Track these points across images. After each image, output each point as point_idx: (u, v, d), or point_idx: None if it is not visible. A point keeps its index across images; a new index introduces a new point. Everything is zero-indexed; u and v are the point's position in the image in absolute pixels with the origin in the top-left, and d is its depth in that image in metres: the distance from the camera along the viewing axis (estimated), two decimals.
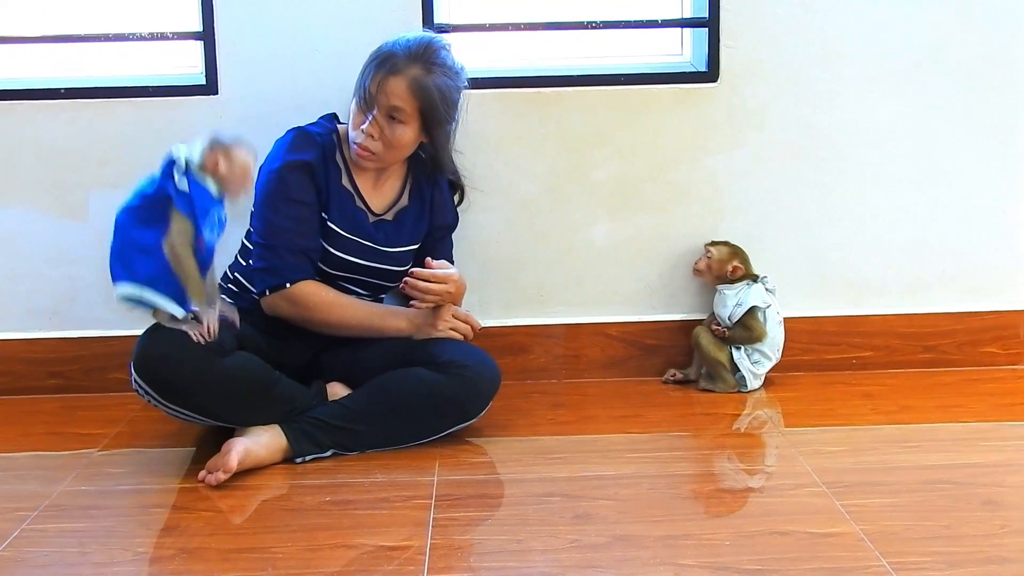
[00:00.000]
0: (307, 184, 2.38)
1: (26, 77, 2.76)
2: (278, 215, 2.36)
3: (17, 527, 1.94)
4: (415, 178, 2.52)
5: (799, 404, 2.61)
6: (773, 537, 1.84)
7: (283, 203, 2.36)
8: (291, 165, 2.37)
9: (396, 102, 2.33)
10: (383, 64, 2.33)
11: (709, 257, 2.71)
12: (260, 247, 2.38)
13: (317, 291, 2.38)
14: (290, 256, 2.36)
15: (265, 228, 2.37)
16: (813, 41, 2.74)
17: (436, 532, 1.89)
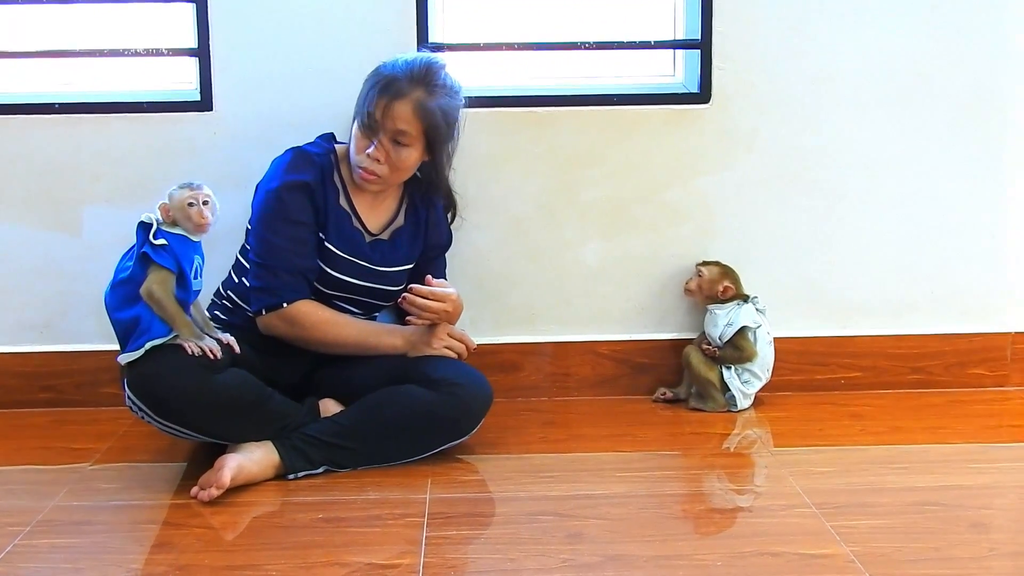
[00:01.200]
0: (305, 204, 2.38)
1: (21, 92, 2.76)
2: (276, 235, 2.37)
3: (9, 542, 1.94)
4: (411, 198, 2.54)
5: (788, 424, 2.62)
6: (764, 558, 1.85)
7: (281, 223, 2.37)
8: (290, 185, 2.37)
9: (402, 126, 2.34)
10: (387, 88, 2.34)
11: (700, 277, 2.73)
12: (257, 266, 2.39)
13: (313, 311, 2.39)
14: (287, 276, 2.37)
15: (263, 248, 2.38)
16: (804, 64, 2.77)
17: (429, 550, 1.89)
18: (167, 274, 2.13)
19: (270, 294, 2.37)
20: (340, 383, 2.44)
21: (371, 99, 2.35)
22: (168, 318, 2.12)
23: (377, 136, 2.36)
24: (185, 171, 2.67)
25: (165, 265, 2.12)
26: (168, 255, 2.13)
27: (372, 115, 2.35)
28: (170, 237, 2.15)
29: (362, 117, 2.37)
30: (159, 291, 2.12)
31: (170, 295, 2.12)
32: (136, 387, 2.15)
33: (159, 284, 2.12)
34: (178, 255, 2.14)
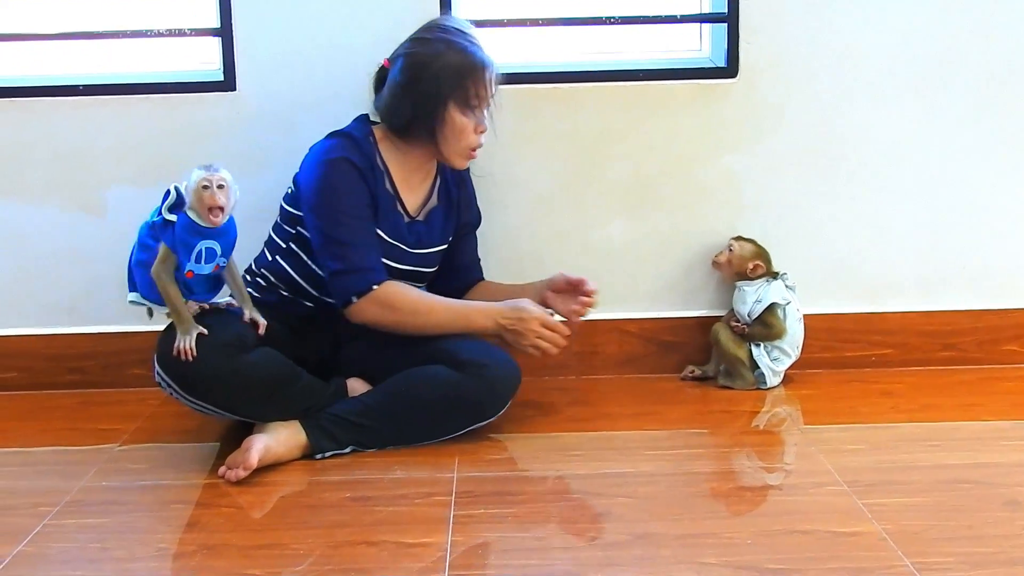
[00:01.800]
0: (363, 185, 2.36)
1: (45, 74, 2.76)
2: (346, 215, 2.33)
3: (38, 523, 1.95)
4: (443, 177, 2.53)
5: (818, 402, 2.60)
6: (794, 536, 1.84)
7: (347, 204, 2.34)
8: (346, 167, 2.35)
9: (494, 92, 2.39)
10: (486, 64, 2.35)
11: (731, 252, 2.70)
12: (335, 246, 2.33)
13: (403, 292, 2.36)
14: (369, 256, 2.34)
15: (335, 229, 2.33)
16: (832, 38, 2.73)
17: (456, 529, 1.89)
18: (168, 253, 2.12)
19: (357, 277, 2.32)
20: (367, 361, 2.44)
21: (475, 77, 2.34)
22: (169, 305, 2.13)
23: (484, 111, 2.38)
24: (209, 152, 2.68)
25: (164, 241, 2.12)
26: (169, 232, 2.12)
27: (481, 94, 2.35)
28: (182, 217, 2.12)
29: (469, 100, 2.35)
30: (161, 272, 2.12)
31: (171, 278, 2.12)
32: (165, 364, 2.16)
33: (161, 264, 2.12)
34: (177, 238, 2.11)
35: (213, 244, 2.16)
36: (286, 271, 2.43)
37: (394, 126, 2.41)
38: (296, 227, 2.42)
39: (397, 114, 2.38)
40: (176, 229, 2.12)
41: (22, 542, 1.87)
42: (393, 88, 2.38)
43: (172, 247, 2.11)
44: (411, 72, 2.35)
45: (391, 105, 2.39)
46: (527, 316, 2.36)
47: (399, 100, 2.37)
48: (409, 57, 2.37)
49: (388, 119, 2.41)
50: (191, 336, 2.12)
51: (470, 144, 2.39)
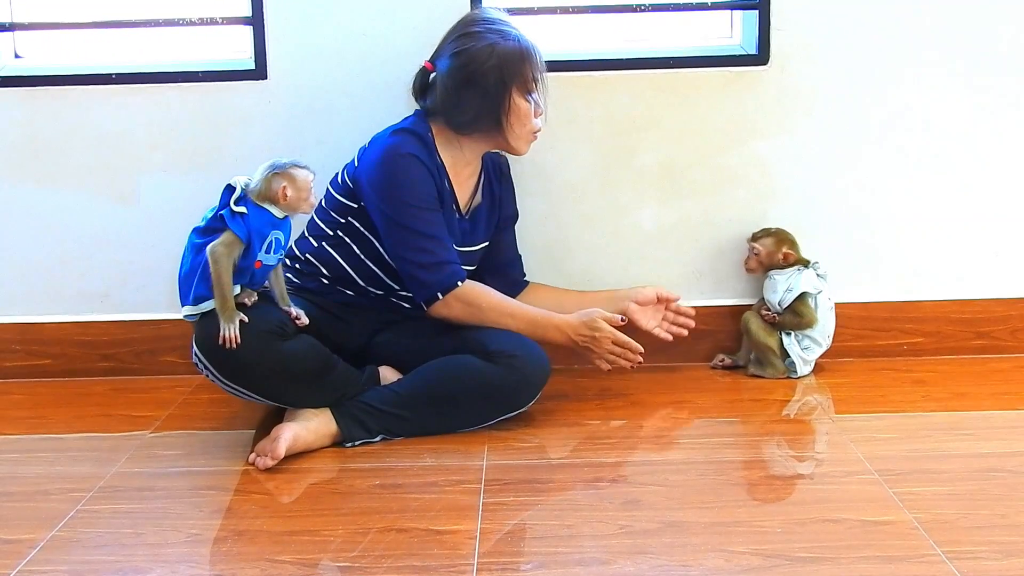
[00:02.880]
0: (432, 182, 2.37)
1: (78, 63, 2.78)
2: (425, 209, 2.34)
3: (72, 508, 1.97)
4: (486, 173, 2.54)
5: (849, 390, 2.58)
6: (825, 525, 1.83)
7: (425, 197, 2.35)
8: (419, 161, 2.35)
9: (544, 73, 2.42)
10: (534, 47, 2.39)
11: (757, 254, 2.69)
12: (417, 237, 2.33)
13: (484, 291, 2.39)
14: (451, 249, 2.38)
15: (417, 221, 2.33)
16: (865, 25, 2.71)
17: (486, 516, 1.89)
18: (235, 240, 2.13)
19: (442, 272, 2.34)
20: (399, 350, 2.45)
21: (530, 63, 2.37)
22: (216, 286, 2.13)
23: (541, 95, 2.42)
24: (240, 140, 2.70)
25: (237, 233, 2.13)
26: (242, 224, 2.13)
27: (535, 78, 2.40)
28: (251, 207, 2.15)
29: (528, 85, 2.38)
30: (222, 256, 2.12)
31: (228, 265, 2.12)
32: (204, 346, 2.17)
33: (224, 247, 2.12)
34: (251, 228, 2.14)
35: (280, 235, 2.19)
36: (334, 259, 2.44)
37: (457, 123, 2.41)
38: (347, 217, 2.42)
39: (461, 110, 2.38)
40: (250, 219, 2.13)
41: (56, 527, 1.89)
42: (451, 86, 2.37)
43: (244, 237, 2.12)
44: (470, 67, 2.35)
45: (451, 103, 2.38)
46: (600, 336, 2.40)
47: (461, 96, 2.37)
48: (462, 54, 2.36)
49: (450, 117, 2.40)
50: (235, 324, 2.13)
51: (533, 128, 2.43)
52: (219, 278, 2.12)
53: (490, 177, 2.56)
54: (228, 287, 2.13)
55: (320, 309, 2.38)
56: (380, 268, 2.43)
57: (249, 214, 2.14)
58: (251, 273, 2.18)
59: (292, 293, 2.32)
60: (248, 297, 2.20)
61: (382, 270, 2.43)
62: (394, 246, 2.36)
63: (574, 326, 2.40)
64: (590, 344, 2.40)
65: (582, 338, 2.40)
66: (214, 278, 2.12)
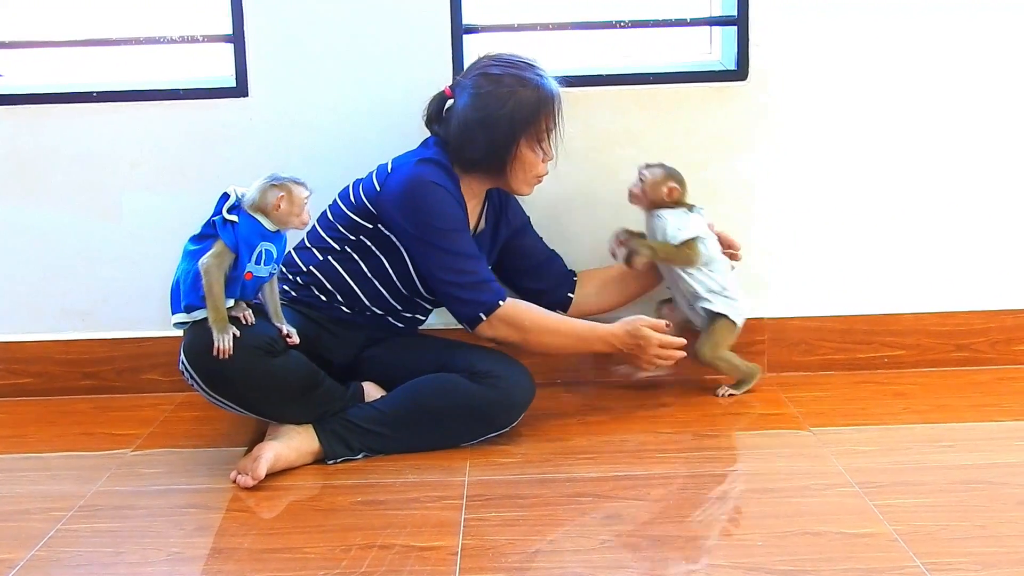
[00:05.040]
0: (458, 207, 2.38)
1: (60, 82, 2.78)
2: (459, 232, 2.36)
3: (52, 527, 1.96)
4: (489, 201, 2.56)
5: (830, 403, 2.59)
6: (806, 537, 1.83)
7: (457, 221, 2.36)
8: (445, 191, 2.36)
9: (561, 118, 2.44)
10: (554, 95, 2.40)
11: (643, 181, 2.61)
12: (456, 258, 2.34)
13: (527, 310, 2.39)
14: (488, 268, 2.40)
15: (455, 243, 2.34)
16: (842, 40, 2.73)
17: (468, 532, 1.89)
18: (224, 249, 2.12)
19: (483, 293, 2.34)
20: (387, 366, 2.44)
21: (548, 113, 2.39)
22: (208, 300, 2.12)
23: (551, 142, 2.43)
24: (223, 157, 2.71)
25: (225, 241, 2.12)
26: (231, 233, 2.13)
27: (549, 127, 2.41)
28: (243, 216, 2.15)
29: (538, 135, 2.40)
30: (212, 268, 2.11)
31: (220, 276, 2.12)
32: (191, 354, 2.16)
33: (214, 258, 2.12)
34: (240, 236, 2.13)
35: (272, 247, 2.19)
36: (339, 274, 2.43)
37: (464, 159, 2.41)
38: (359, 235, 2.41)
39: (469, 149, 2.39)
40: (239, 228, 2.13)
41: (36, 547, 1.88)
42: (465, 124, 2.38)
43: (232, 246, 2.12)
44: (484, 111, 2.36)
45: (463, 140, 2.39)
46: (644, 342, 2.42)
47: (472, 136, 2.38)
48: (482, 97, 2.37)
49: (459, 152, 2.41)
50: (228, 336, 2.12)
51: (538, 174, 2.45)
52: (210, 288, 2.12)
53: (492, 201, 2.57)
54: (220, 298, 2.13)
55: (311, 322, 2.37)
56: (386, 288, 2.43)
57: (240, 223, 2.14)
58: (242, 284, 2.17)
59: (286, 305, 2.32)
60: (243, 313, 2.18)
61: (388, 290, 2.44)
62: (432, 270, 2.36)
63: (619, 336, 2.42)
64: (636, 352, 2.44)
65: (627, 347, 2.43)
66: (205, 289, 2.12)
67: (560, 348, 2.44)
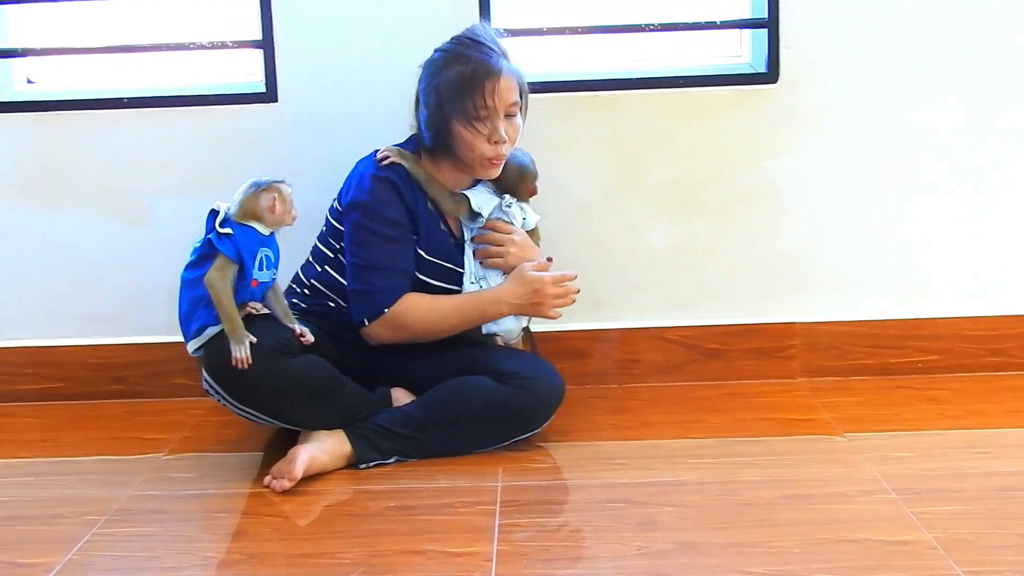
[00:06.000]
0: (399, 205, 2.36)
1: (90, 88, 2.79)
2: (377, 235, 2.34)
3: (87, 531, 1.96)
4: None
5: (863, 409, 2.57)
6: (843, 545, 1.82)
7: (377, 224, 2.34)
8: (387, 184, 2.35)
9: (511, 98, 2.33)
10: (488, 74, 2.29)
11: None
12: (356, 268, 2.36)
13: (410, 307, 2.36)
14: (386, 279, 2.35)
15: (360, 250, 2.35)
16: (875, 41, 2.71)
17: (501, 538, 1.88)
18: (227, 262, 2.14)
19: (370, 300, 2.34)
20: (409, 372, 2.43)
21: (475, 91, 2.28)
22: (219, 310, 2.14)
23: (495, 121, 2.31)
24: (251, 162, 2.70)
25: (226, 253, 2.14)
26: (230, 244, 2.14)
27: (486, 105, 2.29)
28: (236, 227, 2.16)
29: (469, 114, 2.29)
30: (217, 281, 2.13)
31: (227, 286, 2.14)
32: (212, 370, 2.17)
33: (218, 271, 2.13)
34: (240, 246, 2.15)
35: (270, 252, 2.21)
36: (337, 281, 2.44)
37: (422, 144, 2.41)
38: (341, 241, 2.42)
39: (420, 131, 2.40)
40: (237, 238, 2.14)
41: (71, 551, 1.88)
42: (414, 106, 2.40)
43: (235, 257, 2.14)
44: (421, 89, 2.37)
45: (417, 123, 2.40)
46: (539, 285, 2.36)
47: (417, 116, 2.39)
48: (422, 74, 2.38)
49: (419, 138, 2.42)
50: (245, 344, 2.12)
51: (484, 155, 2.33)
52: (220, 302, 2.13)
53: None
54: (232, 309, 2.14)
55: (324, 332, 2.37)
56: None
57: (236, 234, 2.15)
58: (250, 292, 2.19)
59: (298, 317, 2.32)
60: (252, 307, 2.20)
61: None
62: (346, 268, 2.39)
63: (512, 290, 2.37)
64: (535, 299, 2.37)
65: (524, 297, 2.37)
66: (216, 303, 2.13)
67: (453, 328, 2.38)
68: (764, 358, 2.80)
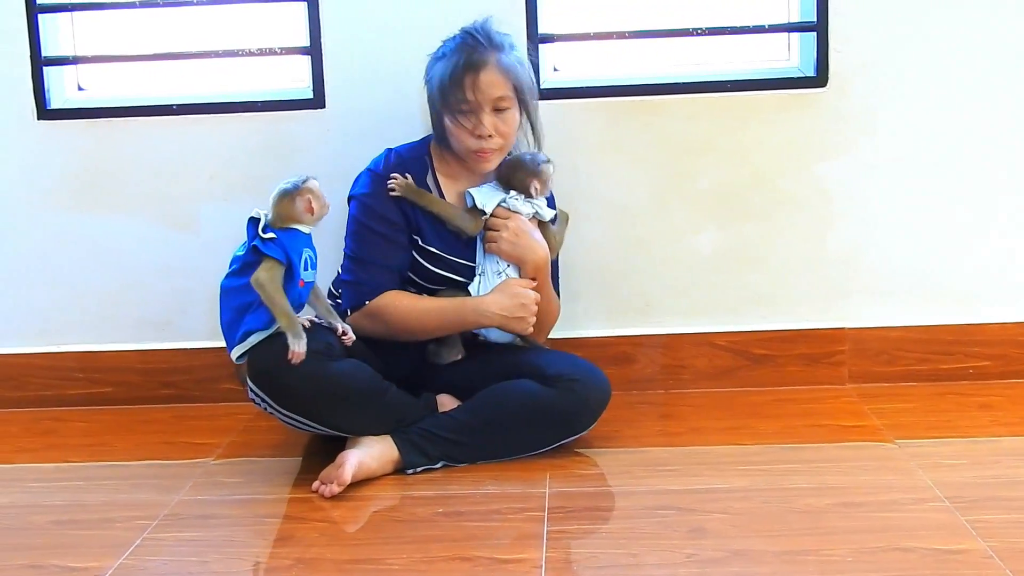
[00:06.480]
0: (395, 203, 2.38)
1: (140, 95, 2.82)
2: (365, 232, 2.38)
3: (138, 536, 1.98)
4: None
5: (914, 415, 2.54)
6: (896, 553, 1.79)
7: (369, 220, 2.38)
8: (377, 185, 2.39)
9: (497, 92, 2.33)
10: (469, 68, 2.31)
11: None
12: (348, 260, 2.42)
13: (392, 302, 2.37)
14: (372, 273, 2.38)
15: (353, 244, 2.41)
16: (925, 44, 2.68)
17: (551, 545, 1.88)
18: (275, 264, 2.15)
19: (355, 291, 2.38)
20: (453, 378, 2.43)
21: (455, 85, 2.32)
22: (274, 308, 2.14)
23: (478, 115, 2.33)
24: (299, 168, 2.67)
25: (274, 256, 2.15)
26: (277, 247, 2.15)
27: (462, 98, 2.32)
28: (279, 232, 2.18)
29: (452, 107, 2.34)
30: (267, 281, 2.14)
31: (278, 286, 2.14)
32: (257, 377, 2.18)
33: (267, 272, 2.14)
34: (288, 248, 2.16)
35: (311, 252, 2.23)
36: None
37: (434, 136, 2.46)
38: None
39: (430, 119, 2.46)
40: (284, 241, 2.16)
41: (123, 555, 1.90)
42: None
43: (283, 258, 2.15)
44: (424, 79, 2.43)
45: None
46: (526, 299, 2.38)
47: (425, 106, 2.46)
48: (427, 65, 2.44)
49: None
50: (303, 339, 2.13)
51: (470, 148, 2.36)
52: (272, 300, 2.14)
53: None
54: (287, 304, 2.15)
55: (366, 341, 2.36)
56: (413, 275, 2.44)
57: (280, 238, 2.16)
58: (297, 293, 2.20)
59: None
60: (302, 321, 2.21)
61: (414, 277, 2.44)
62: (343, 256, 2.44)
63: (496, 301, 2.37)
64: (520, 312, 2.37)
65: (508, 309, 2.37)
66: (268, 303, 2.14)
67: (430, 329, 2.38)
68: (812, 364, 2.77)
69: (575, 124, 2.72)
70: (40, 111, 2.77)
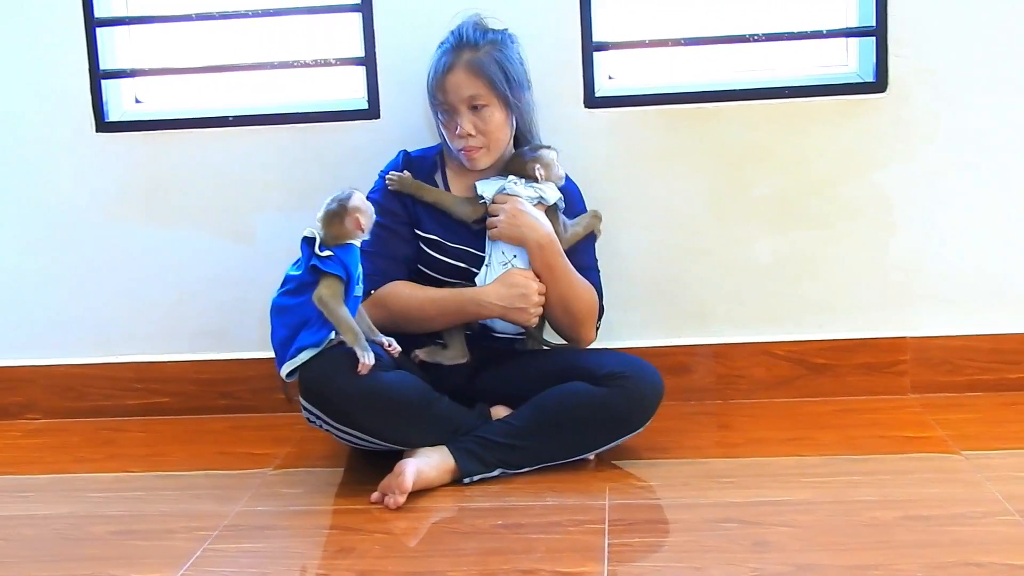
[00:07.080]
0: (397, 197, 2.43)
1: (196, 107, 2.83)
2: (378, 224, 2.36)
3: (199, 547, 1.98)
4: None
5: (980, 426, 2.49)
6: (968, 568, 1.75)
7: (382, 213, 2.38)
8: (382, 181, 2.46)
9: (467, 92, 2.36)
10: (437, 70, 2.38)
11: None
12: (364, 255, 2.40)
13: (395, 291, 2.39)
14: (381, 263, 2.40)
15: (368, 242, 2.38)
16: (987, 47, 2.63)
17: (612, 557, 1.85)
18: (336, 280, 2.15)
19: (363, 280, 2.34)
20: (502, 386, 2.42)
21: (430, 87, 2.40)
22: (339, 325, 2.14)
23: (456, 115, 2.37)
24: (354, 178, 2.68)
25: (335, 272, 2.15)
26: (336, 263, 2.15)
27: (439, 100, 2.38)
28: (336, 249, 2.18)
29: (435, 108, 2.42)
30: (330, 298, 2.14)
31: (340, 302, 2.15)
32: (308, 392, 2.18)
33: (328, 289, 2.14)
34: (346, 263, 2.16)
35: (360, 267, 2.23)
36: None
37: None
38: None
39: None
40: (343, 257, 2.16)
41: (184, 566, 1.90)
42: None
43: (343, 274, 2.15)
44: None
45: None
46: (527, 290, 2.35)
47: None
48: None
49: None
50: (370, 352, 2.13)
51: (455, 146, 2.42)
52: (336, 316, 2.14)
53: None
54: (350, 318, 2.15)
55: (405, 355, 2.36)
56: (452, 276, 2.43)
57: (337, 254, 2.16)
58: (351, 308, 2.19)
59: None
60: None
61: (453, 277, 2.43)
62: None
63: (497, 292, 2.35)
64: (520, 302, 2.35)
65: (508, 300, 2.34)
66: (332, 319, 2.14)
67: (430, 317, 2.37)
68: (874, 373, 2.73)
69: (631, 132, 2.69)
70: (98, 124, 2.79)
